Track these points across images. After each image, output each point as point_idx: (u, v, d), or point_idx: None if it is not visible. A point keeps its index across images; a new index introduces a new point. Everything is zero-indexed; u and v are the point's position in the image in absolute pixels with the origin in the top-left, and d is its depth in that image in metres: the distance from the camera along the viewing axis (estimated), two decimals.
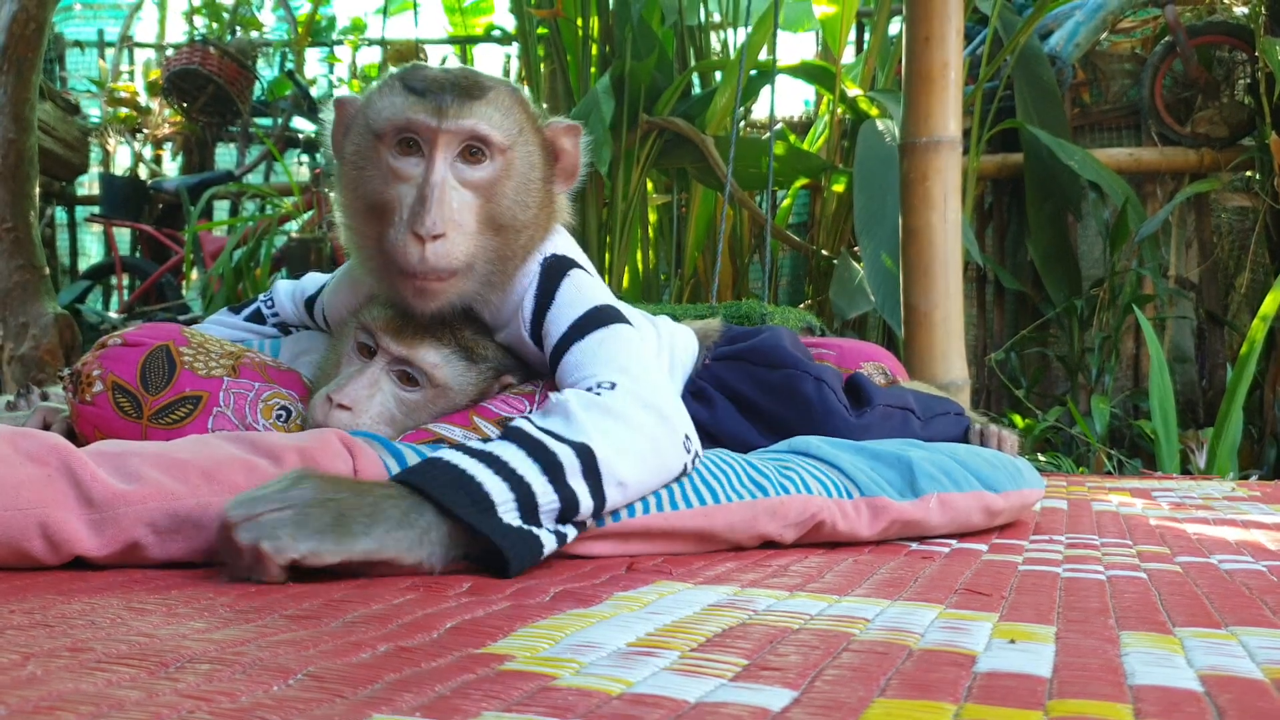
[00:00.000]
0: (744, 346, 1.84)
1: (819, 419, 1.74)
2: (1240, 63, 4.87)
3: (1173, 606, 1.03)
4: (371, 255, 1.43)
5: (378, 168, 1.38)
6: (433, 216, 1.32)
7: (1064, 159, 4.45)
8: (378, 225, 1.39)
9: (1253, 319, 3.63)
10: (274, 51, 6.74)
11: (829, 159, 4.72)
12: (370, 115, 1.39)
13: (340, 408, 1.41)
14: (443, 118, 1.34)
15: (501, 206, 1.39)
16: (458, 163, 1.37)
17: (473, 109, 1.35)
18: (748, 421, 1.77)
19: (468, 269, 1.39)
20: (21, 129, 4.09)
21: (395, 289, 1.41)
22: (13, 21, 4.03)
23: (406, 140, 1.36)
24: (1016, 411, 4.55)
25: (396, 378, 1.46)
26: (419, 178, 1.35)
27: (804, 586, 1.11)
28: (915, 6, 2.93)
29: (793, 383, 1.75)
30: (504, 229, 1.41)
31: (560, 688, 0.66)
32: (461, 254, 1.36)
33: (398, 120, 1.35)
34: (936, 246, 2.89)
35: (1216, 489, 2.60)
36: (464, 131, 1.35)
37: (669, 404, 1.27)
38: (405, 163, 1.36)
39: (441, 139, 1.34)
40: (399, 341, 1.44)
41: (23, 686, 0.61)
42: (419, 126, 1.34)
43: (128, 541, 1.08)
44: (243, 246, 4.79)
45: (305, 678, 0.66)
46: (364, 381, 1.44)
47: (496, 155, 1.38)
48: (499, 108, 1.38)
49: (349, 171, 1.43)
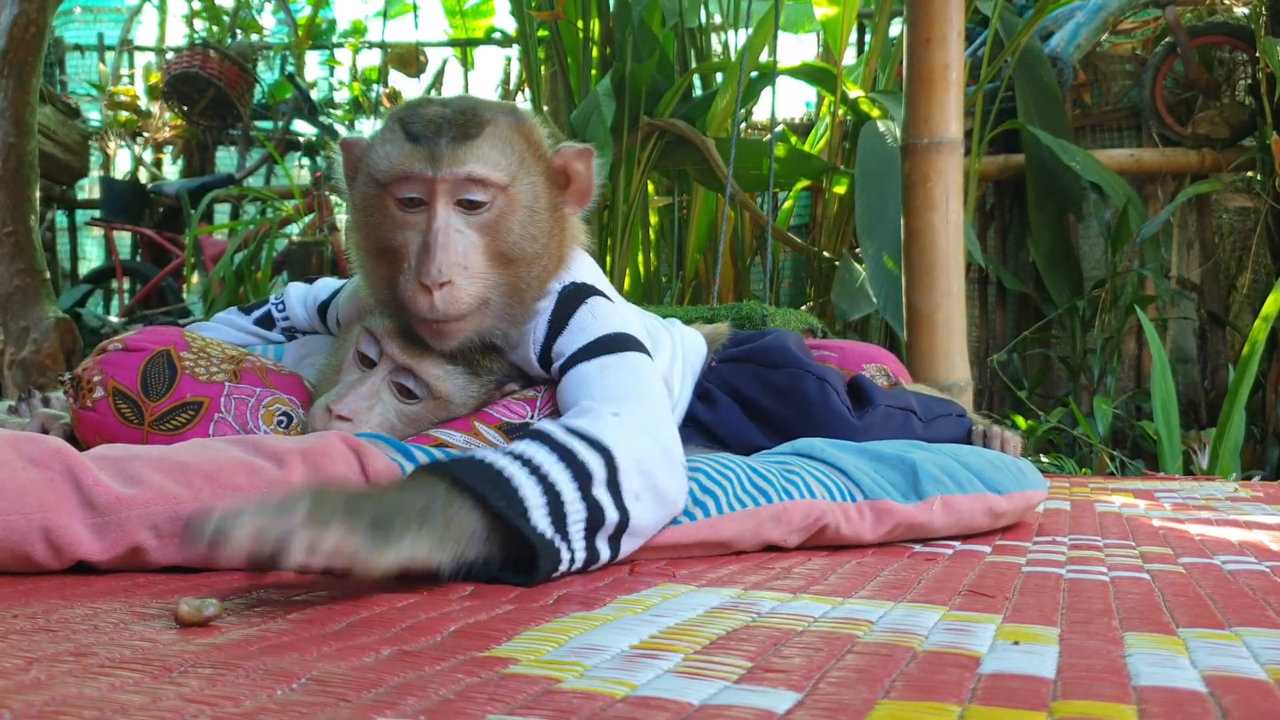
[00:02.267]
0: (749, 348, 1.84)
1: (820, 419, 1.74)
2: (1241, 63, 4.87)
3: (1176, 607, 1.03)
4: (386, 297, 1.45)
5: (385, 214, 1.40)
6: (437, 265, 1.34)
7: (1065, 160, 4.45)
8: (389, 268, 1.42)
9: (1254, 319, 3.63)
10: (274, 55, 6.74)
11: (830, 160, 4.72)
12: (373, 163, 1.40)
13: (340, 419, 1.40)
14: (439, 166, 1.35)
15: (509, 242, 1.40)
16: (459, 208, 1.37)
17: (468, 152, 1.36)
18: (751, 422, 1.77)
19: (482, 306, 1.40)
20: (22, 133, 4.10)
21: (413, 329, 1.43)
22: (13, 25, 4.03)
23: (407, 190, 1.37)
24: (1019, 413, 4.54)
25: (396, 390, 1.45)
26: (423, 224, 1.37)
27: (808, 589, 1.11)
28: (916, 8, 2.93)
29: (796, 382, 1.75)
30: (514, 262, 1.41)
31: (564, 691, 0.66)
32: (470, 297, 1.38)
33: (397, 172, 1.37)
34: (938, 248, 2.89)
35: (1219, 490, 2.60)
36: (460, 177, 1.35)
37: (669, 438, 1.25)
38: (409, 213, 1.38)
39: (440, 187, 1.36)
40: (405, 351, 1.44)
41: (26, 691, 0.61)
42: (417, 176, 1.36)
43: (130, 545, 1.08)
44: (244, 250, 4.79)
45: (309, 682, 0.66)
46: (364, 392, 1.43)
47: (497, 194, 1.38)
48: (496, 144, 1.38)
49: (360, 216, 1.45)
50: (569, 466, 1.09)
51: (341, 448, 1.21)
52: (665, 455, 1.20)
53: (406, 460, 1.22)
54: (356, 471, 1.19)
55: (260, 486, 1.14)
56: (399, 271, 1.39)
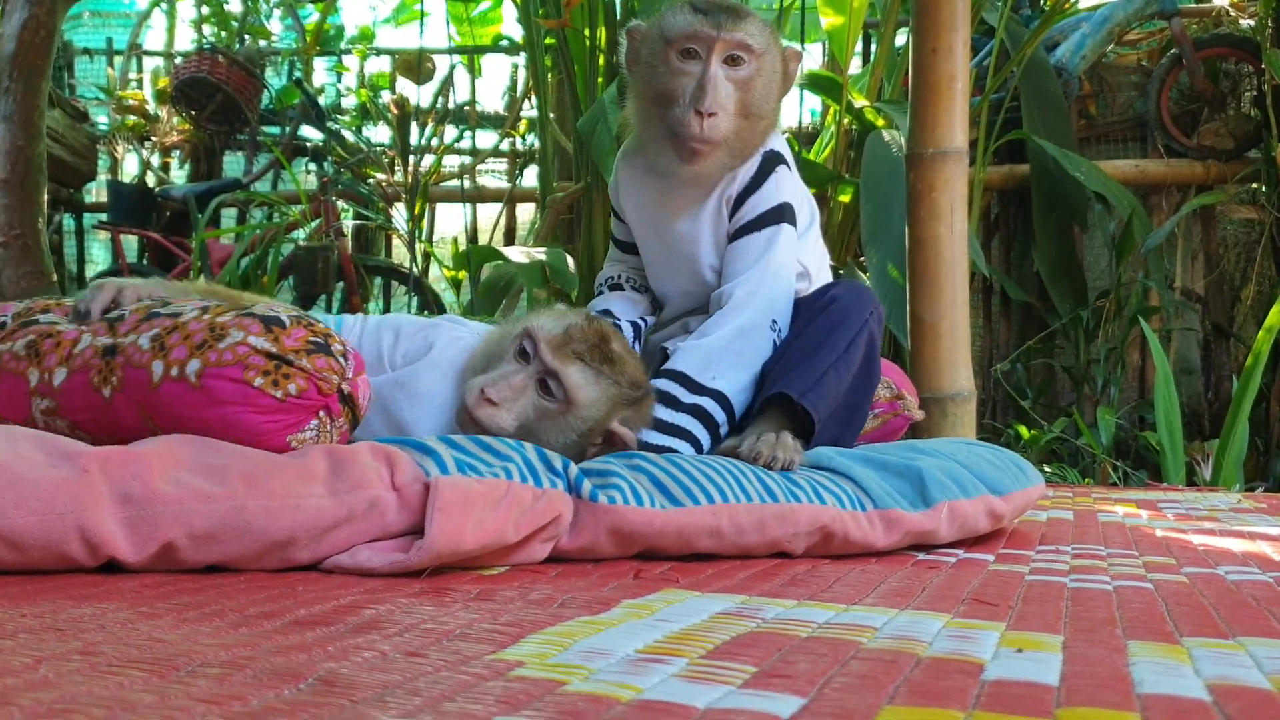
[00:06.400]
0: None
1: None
2: (1246, 75, 4.87)
3: (1180, 617, 1.03)
4: (656, 129, 1.87)
5: (667, 66, 1.83)
6: (710, 98, 1.77)
7: (1070, 170, 4.45)
8: (663, 108, 1.84)
9: (1258, 331, 3.62)
10: (282, 60, 6.75)
11: (835, 169, 4.72)
12: (664, 28, 1.84)
13: (488, 401, 1.54)
14: (720, 30, 1.79)
15: (753, 97, 1.83)
16: (725, 65, 1.80)
17: (740, 25, 1.80)
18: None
19: (724, 141, 1.82)
20: (31, 136, 4.11)
21: (672, 151, 1.84)
22: (23, 29, 4.05)
23: (688, 49, 1.80)
24: (1022, 422, 4.54)
25: (539, 387, 1.58)
26: (697, 74, 1.79)
27: (812, 595, 1.11)
28: (922, 18, 2.93)
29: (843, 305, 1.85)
30: (751, 115, 1.84)
31: (570, 694, 0.66)
32: (725, 128, 1.80)
33: (686, 30, 1.80)
34: (943, 257, 2.89)
35: (1222, 501, 2.60)
36: (734, 41, 1.79)
37: (777, 301, 1.84)
38: (687, 64, 1.81)
39: (717, 45, 1.79)
40: (556, 355, 1.58)
41: (35, 689, 0.62)
42: (702, 36, 1.79)
43: (163, 542, 1.08)
44: (250, 254, 4.79)
45: (316, 682, 0.66)
46: (515, 383, 1.57)
47: (754, 60, 1.82)
48: (757, 24, 1.84)
49: (643, 71, 1.89)
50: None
51: (369, 456, 1.22)
52: (768, 311, 1.83)
53: (434, 464, 1.23)
54: (386, 477, 1.20)
55: (293, 490, 1.15)
56: (673, 106, 1.81)
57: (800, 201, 1.98)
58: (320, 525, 1.15)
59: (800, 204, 1.98)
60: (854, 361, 1.79)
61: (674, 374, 1.78)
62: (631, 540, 1.32)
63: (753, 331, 1.82)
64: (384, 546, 1.18)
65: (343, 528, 1.16)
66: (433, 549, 1.12)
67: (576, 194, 4.47)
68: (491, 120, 6.17)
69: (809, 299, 1.91)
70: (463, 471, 1.23)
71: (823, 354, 1.76)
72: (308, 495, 1.15)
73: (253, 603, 0.95)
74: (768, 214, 1.90)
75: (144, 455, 1.12)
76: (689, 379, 1.77)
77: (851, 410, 1.87)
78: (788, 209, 1.92)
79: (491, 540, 1.18)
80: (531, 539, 1.26)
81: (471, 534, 1.15)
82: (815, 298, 1.89)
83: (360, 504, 1.17)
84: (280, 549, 1.14)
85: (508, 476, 1.24)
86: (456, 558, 1.16)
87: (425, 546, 1.12)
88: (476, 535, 1.16)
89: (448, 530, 1.13)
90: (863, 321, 1.81)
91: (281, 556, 1.15)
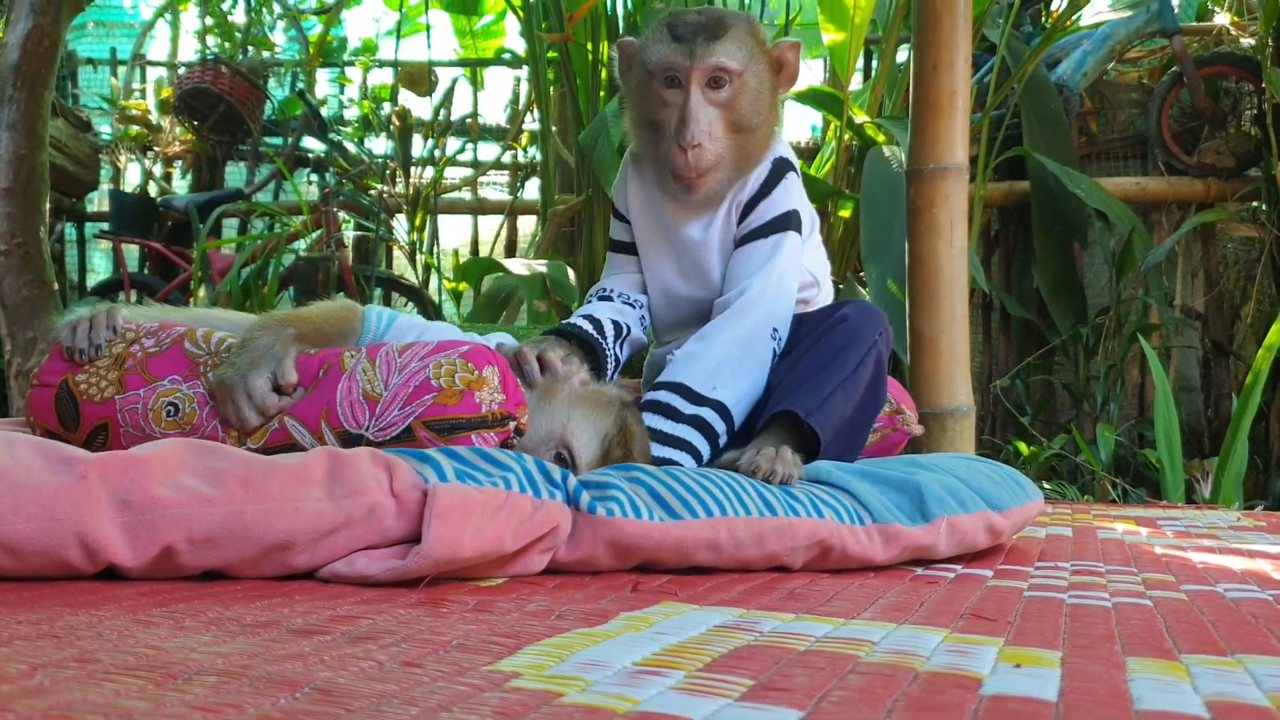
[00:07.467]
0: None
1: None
2: (1247, 94, 4.88)
3: (1178, 633, 1.03)
4: (652, 157, 1.95)
5: (652, 95, 1.89)
6: (691, 131, 1.82)
7: (1071, 187, 4.46)
8: (654, 136, 1.91)
9: (1258, 349, 3.62)
10: (285, 71, 6.77)
11: (836, 185, 4.72)
12: (645, 57, 1.90)
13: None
14: (694, 59, 1.82)
15: (741, 114, 1.87)
16: (706, 89, 1.84)
17: (715, 47, 1.83)
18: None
19: (719, 163, 1.87)
20: (34, 145, 4.11)
21: (670, 182, 1.90)
22: (27, 39, 4.06)
23: (669, 77, 1.85)
24: (1021, 439, 4.53)
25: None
26: (680, 104, 1.84)
27: (811, 609, 1.11)
28: (923, 34, 2.94)
29: (853, 324, 1.85)
30: (744, 129, 1.88)
31: (567, 705, 0.66)
32: (711, 157, 1.85)
33: (664, 62, 1.85)
34: (942, 272, 2.89)
35: (1221, 518, 2.59)
36: (711, 66, 1.83)
37: (778, 309, 1.87)
38: (670, 93, 1.86)
39: (694, 74, 1.83)
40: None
41: (31, 696, 0.61)
42: (678, 67, 1.83)
43: (163, 547, 1.08)
44: (251, 264, 4.80)
45: (312, 691, 0.66)
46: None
47: (736, 79, 1.85)
48: (736, 42, 1.85)
49: (633, 99, 1.95)
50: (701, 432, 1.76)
51: (368, 462, 1.22)
52: (766, 320, 1.85)
53: (433, 472, 1.23)
54: (384, 483, 1.20)
55: (291, 493, 1.15)
56: (663, 138, 1.88)
57: (804, 207, 2.03)
58: (319, 529, 1.15)
59: (804, 210, 2.02)
60: (861, 382, 1.78)
61: (674, 385, 1.79)
62: (629, 552, 1.32)
63: (754, 341, 1.84)
64: (381, 554, 1.18)
65: (341, 533, 1.16)
66: (430, 555, 1.12)
67: (577, 207, 4.47)
68: (493, 133, 6.18)
69: (818, 315, 1.91)
70: (462, 480, 1.22)
71: (831, 373, 1.75)
72: (306, 499, 1.15)
73: (249, 611, 0.95)
74: (775, 220, 1.94)
75: (142, 460, 1.12)
76: (689, 390, 1.78)
77: (855, 431, 1.86)
78: (794, 216, 1.95)
79: (489, 549, 1.18)
80: (529, 550, 1.26)
81: (469, 542, 1.15)
82: (825, 315, 1.89)
83: (359, 509, 1.17)
84: (278, 553, 1.14)
85: (506, 486, 1.24)
86: (454, 565, 1.16)
87: (422, 553, 1.12)
88: (474, 543, 1.16)
89: (445, 537, 1.13)
90: (872, 342, 1.81)
91: (280, 561, 1.15)
